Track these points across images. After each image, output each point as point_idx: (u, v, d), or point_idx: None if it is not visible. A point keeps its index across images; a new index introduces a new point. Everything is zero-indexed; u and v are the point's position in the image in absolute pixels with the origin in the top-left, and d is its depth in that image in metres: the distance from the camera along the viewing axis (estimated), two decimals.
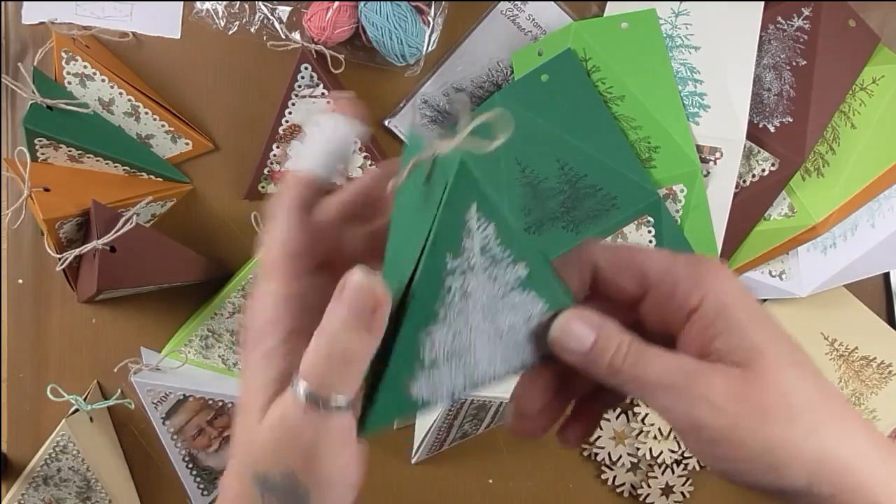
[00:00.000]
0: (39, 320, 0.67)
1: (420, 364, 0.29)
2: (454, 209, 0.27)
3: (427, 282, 0.28)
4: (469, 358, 0.30)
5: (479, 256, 0.28)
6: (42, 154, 0.61)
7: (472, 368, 0.30)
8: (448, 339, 0.29)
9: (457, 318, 0.29)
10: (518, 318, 0.30)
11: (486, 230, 0.28)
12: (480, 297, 0.29)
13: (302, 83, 0.61)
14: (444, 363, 0.29)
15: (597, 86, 0.60)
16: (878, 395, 0.66)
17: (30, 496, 0.66)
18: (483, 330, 0.30)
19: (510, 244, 0.29)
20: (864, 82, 0.62)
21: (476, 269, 0.28)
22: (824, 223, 0.60)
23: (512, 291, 0.29)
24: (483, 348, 0.30)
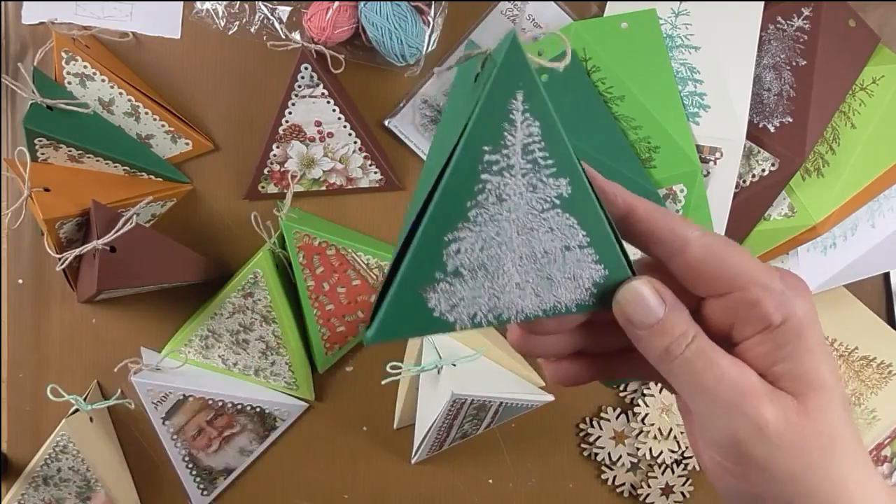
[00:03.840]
0: (39, 320, 0.67)
1: (441, 269, 0.27)
2: (499, 92, 0.25)
3: (460, 170, 0.26)
4: (497, 276, 0.28)
5: (521, 157, 0.26)
6: (42, 154, 0.61)
7: (500, 291, 0.28)
8: (476, 246, 0.27)
9: (488, 224, 0.27)
10: (555, 245, 0.28)
11: (530, 127, 0.26)
12: (517, 207, 0.27)
13: (302, 83, 0.61)
14: (469, 275, 0.27)
15: (597, 86, 0.60)
16: (878, 395, 0.66)
17: (30, 496, 0.66)
18: (515, 247, 0.27)
19: (555, 152, 0.27)
20: (864, 82, 0.62)
21: (515, 171, 0.27)
22: (824, 223, 0.60)
23: (552, 209, 0.27)
24: (513, 269, 0.28)
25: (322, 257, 0.63)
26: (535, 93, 0.26)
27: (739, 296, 0.28)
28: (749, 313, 0.28)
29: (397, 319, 0.27)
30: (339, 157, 0.65)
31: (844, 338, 0.66)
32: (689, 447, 0.32)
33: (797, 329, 0.28)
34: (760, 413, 0.27)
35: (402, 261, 0.26)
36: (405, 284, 0.26)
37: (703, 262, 0.29)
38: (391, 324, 0.27)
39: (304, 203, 0.67)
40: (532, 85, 0.26)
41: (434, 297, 0.27)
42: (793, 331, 0.28)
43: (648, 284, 0.29)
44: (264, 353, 0.66)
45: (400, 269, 0.26)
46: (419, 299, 0.27)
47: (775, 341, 0.28)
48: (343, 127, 0.63)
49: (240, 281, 0.64)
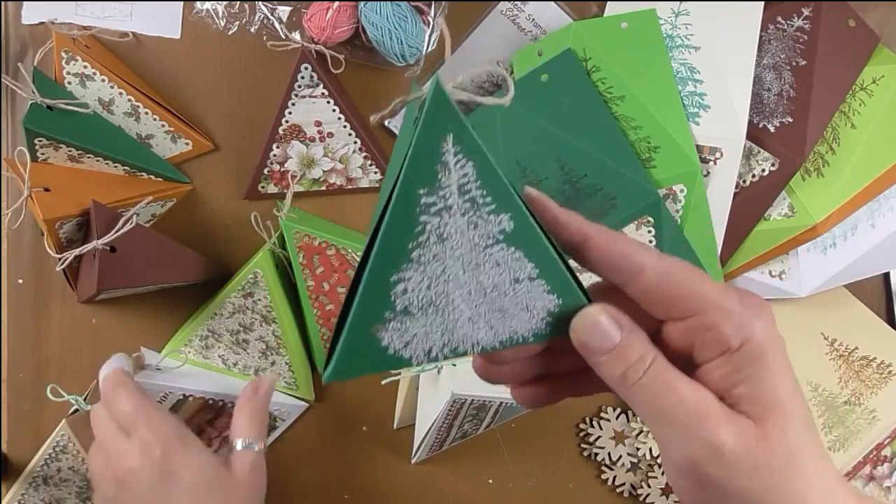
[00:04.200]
0: (39, 320, 0.67)
1: (390, 309, 0.27)
2: (429, 135, 0.26)
3: (398, 213, 0.26)
4: (448, 313, 0.28)
5: (458, 197, 0.27)
6: (42, 154, 0.61)
7: (452, 326, 0.28)
8: (422, 285, 0.27)
9: (431, 263, 0.27)
10: (503, 278, 0.28)
11: (464, 168, 0.27)
12: (459, 245, 0.27)
13: (302, 83, 0.61)
14: (419, 313, 0.28)
15: (597, 86, 0.60)
16: (878, 395, 0.66)
17: (30, 496, 0.66)
18: (462, 283, 0.28)
19: (493, 189, 0.27)
20: (864, 82, 0.62)
21: (454, 211, 0.27)
22: (824, 223, 0.60)
23: (496, 245, 0.28)
24: (463, 304, 0.28)
25: (322, 257, 0.63)
26: (465, 134, 0.26)
27: (697, 320, 0.29)
28: (707, 337, 0.29)
29: (352, 359, 0.27)
30: (339, 157, 0.65)
31: (844, 338, 0.66)
32: None
33: (756, 351, 0.28)
34: (718, 436, 0.27)
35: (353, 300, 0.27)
36: (356, 325, 0.27)
37: (659, 287, 0.29)
38: (346, 363, 0.27)
39: (304, 203, 0.67)
40: (460, 126, 0.26)
41: (386, 335, 0.27)
42: (751, 354, 0.28)
43: (603, 311, 0.29)
44: (264, 353, 0.66)
45: (350, 310, 0.27)
46: (372, 339, 0.27)
47: (734, 364, 0.28)
48: (343, 127, 0.63)
49: (240, 281, 0.64)
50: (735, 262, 0.64)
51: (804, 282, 0.63)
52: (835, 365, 0.66)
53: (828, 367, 0.65)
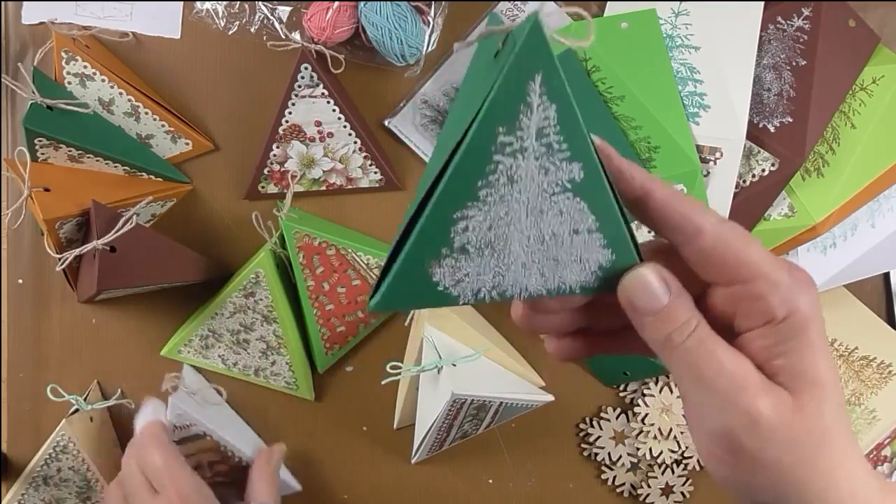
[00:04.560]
0: (39, 320, 0.67)
1: (448, 245, 0.27)
2: (518, 73, 0.25)
3: (472, 151, 0.26)
4: (503, 256, 0.28)
5: (535, 140, 0.26)
6: (42, 154, 0.61)
7: (505, 270, 0.28)
8: (484, 225, 0.27)
9: (497, 204, 0.27)
10: (563, 228, 0.28)
11: (547, 111, 0.26)
12: (527, 189, 0.27)
13: (302, 83, 0.61)
14: (475, 253, 0.28)
15: (597, 86, 0.60)
16: (878, 395, 0.66)
17: (30, 496, 0.66)
18: (523, 228, 0.28)
19: (571, 137, 0.27)
20: (864, 82, 0.62)
21: (528, 154, 0.27)
22: (824, 223, 0.60)
23: (563, 193, 0.27)
24: (520, 249, 0.28)
25: (322, 257, 0.63)
26: (555, 76, 0.26)
27: (745, 288, 0.28)
28: (753, 306, 0.28)
29: (401, 290, 0.27)
30: (339, 157, 0.65)
31: (844, 338, 0.66)
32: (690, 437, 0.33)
33: (800, 325, 0.28)
34: (756, 406, 0.27)
35: (410, 234, 0.27)
36: (411, 257, 0.27)
37: (714, 251, 0.29)
38: (395, 294, 0.27)
39: (304, 203, 0.67)
40: (551, 68, 0.26)
41: (439, 271, 0.27)
42: (795, 327, 0.28)
43: (655, 272, 0.29)
44: (265, 352, 0.66)
45: (407, 242, 0.27)
46: (424, 272, 0.27)
47: (777, 336, 0.28)
48: (343, 127, 0.63)
49: (241, 281, 0.64)
50: None
51: None
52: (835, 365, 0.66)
53: None
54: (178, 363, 0.67)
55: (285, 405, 0.68)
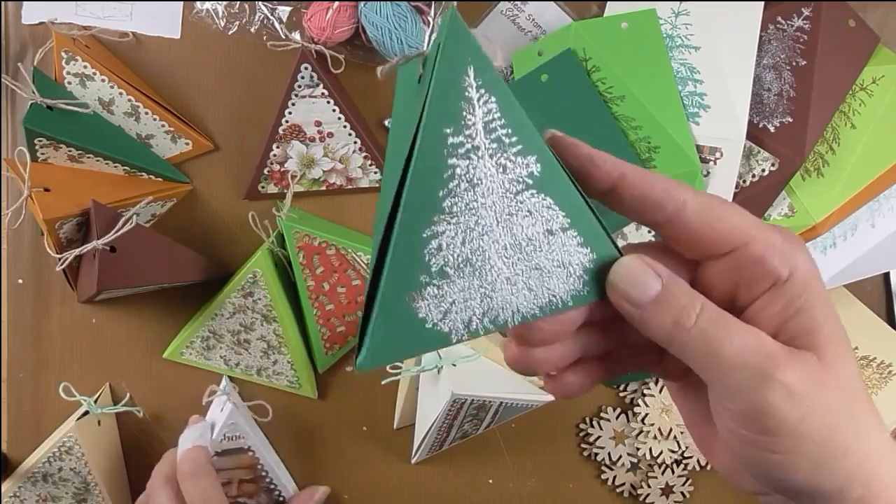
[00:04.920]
0: (39, 320, 0.67)
1: (425, 270, 0.25)
2: (449, 68, 0.24)
3: (425, 156, 0.24)
4: (485, 272, 0.26)
5: (484, 136, 0.25)
6: (42, 154, 0.61)
7: (491, 288, 0.26)
8: (457, 239, 0.25)
9: (465, 213, 0.25)
10: (537, 230, 0.26)
11: (488, 104, 0.25)
12: (491, 191, 0.25)
13: (302, 83, 0.61)
14: (455, 274, 0.25)
15: (597, 86, 0.60)
16: (878, 395, 0.66)
17: (27, 489, 0.66)
18: (498, 236, 0.26)
19: (517, 128, 0.25)
20: (864, 82, 0.62)
21: (482, 152, 0.25)
22: (824, 223, 0.60)
23: (526, 191, 0.26)
24: (500, 261, 0.26)
25: (322, 257, 0.63)
26: (486, 67, 0.25)
27: (742, 253, 0.27)
28: (755, 270, 0.27)
29: (387, 338, 0.25)
30: (339, 157, 0.65)
31: None
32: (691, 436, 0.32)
33: (804, 280, 0.27)
34: (787, 375, 0.25)
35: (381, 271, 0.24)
36: (390, 294, 0.24)
37: (701, 223, 0.27)
38: (381, 344, 0.25)
39: (304, 203, 0.67)
40: (480, 59, 0.25)
41: (423, 304, 0.25)
42: (801, 283, 0.27)
43: (640, 259, 0.27)
44: (266, 352, 0.66)
45: (381, 278, 0.24)
46: (408, 310, 0.25)
47: (786, 296, 0.27)
48: (343, 127, 0.63)
49: (239, 281, 0.64)
50: None
51: None
52: None
53: None
54: (180, 365, 0.67)
55: (285, 405, 0.68)
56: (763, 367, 0.26)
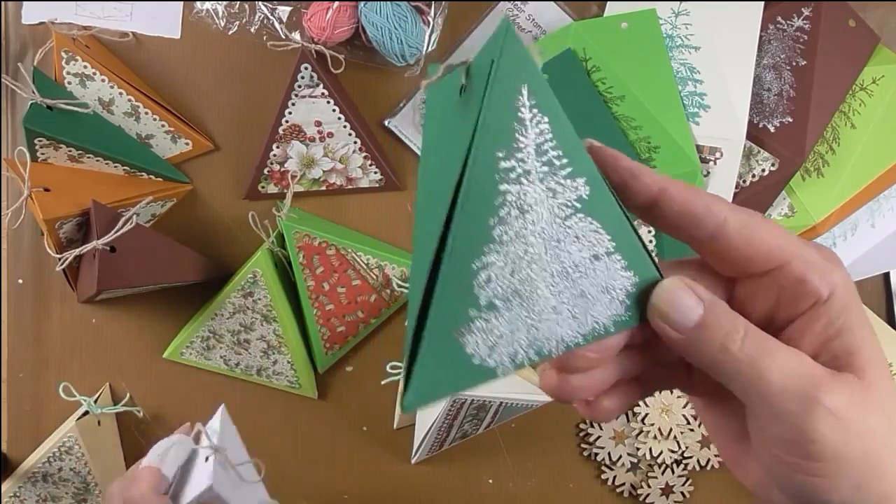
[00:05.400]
0: (39, 320, 0.67)
1: (475, 304, 0.24)
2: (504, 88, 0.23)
3: (477, 183, 0.23)
4: (533, 302, 0.25)
5: (535, 160, 0.24)
6: (42, 154, 0.61)
7: (538, 319, 0.25)
8: (506, 270, 0.24)
9: (514, 242, 0.24)
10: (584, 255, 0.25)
11: (540, 124, 0.24)
12: (540, 218, 0.24)
13: (302, 83, 0.61)
14: (504, 306, 0.24)
15: (597, 86, 0.60)
16: None
17: (27, 489, 0.66)
18: (546, 264, 0.25)
19: (568, 150, 0.24)
20: (864, 82, 0.62)
21: (532, 177, 0.24)
22: (824, 223, 0.60)
23: (575, 215, 0.25)
24: (548, 291, 0.25)
25: (322, 257, 0.63)
26: (541, 86, 0.24)
27: (782, 272, 0.26)
28: (795, 290, 0.26)
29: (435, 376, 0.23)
30: (339, 157, 0.65)
31: None
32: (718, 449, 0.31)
33: (844, 300, 0.26)
34: (832, 399, 0.25)
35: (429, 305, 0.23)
36: (437, 330, 0.23)
37: (741, 240, 0.26)
38: (430, 383, 0.23)
39: (304, 203, 0.67)
40: (536, 77, 0.23)
41: (472, 339, 0.24)
42: (841, 303, 0.26)
43: (680, 282, 0.26)
44: (266, 352, 0.66)
45: (428, 314, 0.23)
46: (455, 346, 0.23)
47: (827, 316, 0.26)
48: (343, 127, 0.63)
49: (239, 281, 0.64)
50: None
51: None
52: None
53: None
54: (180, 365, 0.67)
55: (285, 405, 0.68)
56: (808, 391, 0.25)
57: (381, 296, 0.66)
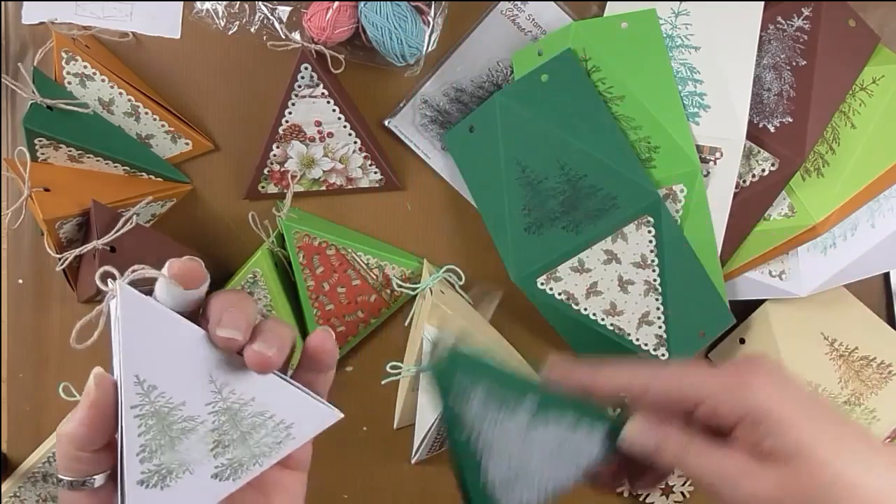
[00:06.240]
0: (39, 320, 0.67)
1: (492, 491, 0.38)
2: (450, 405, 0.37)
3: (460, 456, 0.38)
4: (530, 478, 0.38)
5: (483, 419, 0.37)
6: (42, 154, 0.61)
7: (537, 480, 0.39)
8: (503, 468, 0.38)
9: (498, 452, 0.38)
10: (560, 433, 0.38)
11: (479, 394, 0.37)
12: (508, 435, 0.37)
13: (302, 83, 0.62)
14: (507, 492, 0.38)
15: (597, 86, 0.60)
16: (878, 395, 0.66)
17: (27, 490, 0.66)
18: (529, 457, 0.38)
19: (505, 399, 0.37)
20: (864, 82, 0.62)
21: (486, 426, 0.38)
22: (824, 223, 0.60)
23: (535, 417, 0.37)
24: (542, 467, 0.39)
25: (322, 257, 0.63)
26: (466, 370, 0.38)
27: (704, 407, 0.36)
28: (717, 418, 0.35)
29: None
30: (339, 157, 0.65)
31: (844, 338, 0.66)
32: None
33: (761, 413, 0.34)
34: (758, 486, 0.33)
35: None
36: None
37: (662, 397, 0.38)
38: None
39: (304, 203, 0.67)
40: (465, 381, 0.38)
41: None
42: (757, 416, 0.34)
43: (637, 423, 0.39)
44: None
45: None
46: None
47: (749, 427, 0.34)
48: (343, 127, 0.63)
49: (239, 281, 0.64)
50: (735, 262, 0.63)
51: (804, 282, 0.63)
52: (835, 365, 0.65)
53: (828, 367, 0.65)
54: None
55: None
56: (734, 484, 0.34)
57: (381, 296, 0.66)
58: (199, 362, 0.31)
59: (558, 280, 0.61)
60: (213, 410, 0.32)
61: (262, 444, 0.33)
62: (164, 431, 0.31)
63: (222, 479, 0.33)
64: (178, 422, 0.31)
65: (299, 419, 0.34)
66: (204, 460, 0.32)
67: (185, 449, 0.32)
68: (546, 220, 0.60)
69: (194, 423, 0.31)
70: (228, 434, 0.32)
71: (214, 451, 0.32)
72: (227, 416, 0.32)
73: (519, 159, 0.60)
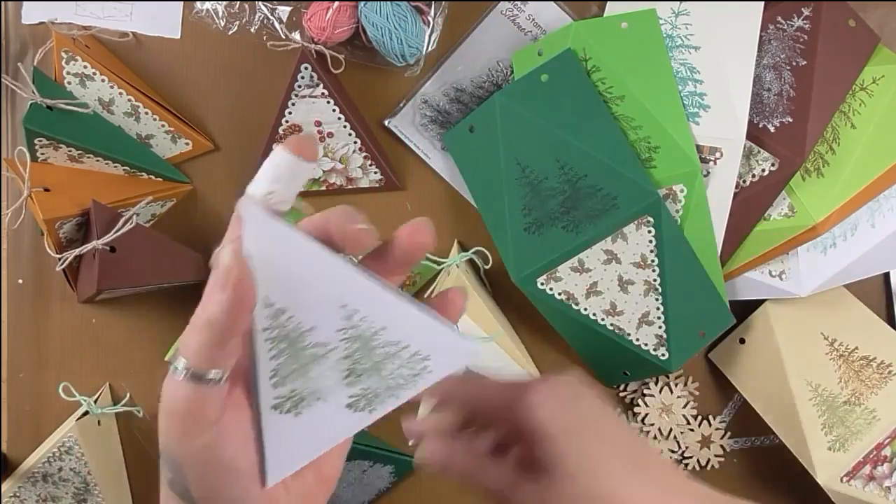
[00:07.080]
0: (39, 320, 0.67)
1: None
2: None
3: None
4: None
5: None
6: (42, 154, 0.61)
7: None
8: None
9: None
10: None
11: None
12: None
13: (302, 83, 0.62)
14: None
15: (597, 86, 0.60)
16: (878, 395, 0.66)
17: (26, 490, 0.66)
18: None
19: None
20: (864, 82, 0.62)
21: None
22: (824, 223, 0.60)
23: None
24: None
25: None
26: None
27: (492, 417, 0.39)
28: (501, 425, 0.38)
29: None
30: (339, 157, 0.65)
31: (844, 338, 0.66)
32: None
33: (532, 423, 0.35)
34: (525, 499, 0.35)
35: None
36: None
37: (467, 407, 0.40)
38: None
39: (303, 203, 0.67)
40: None
41: None
42: (529, 425, 0.35)
43: (428, 444, 0.39)
44: None
45: None
46: None
47: (529, 441, 0.36)
48: (343, 127, 0.63)
49: None
50: (735, 262, 0.63)
51: (804, 282, 0.63)
52: (835, 365, 0.65)
53: (828, 367, 0.65)
54: None
55: None
56: (511, 490, 0.36)
57: None
58: (328, 286, 0.29)
59: (558, 280, 0.61)
60: (345, 337, 0.30)
61: (396, 375, 0.30)
62: (295, 356, 0.29)
63: (357, 409, 0.31)
64: (308, 347, 0.29)
65: (436, 352, 0.31)
66: (336, 389, 0.30)
67: (318, 376, 0.30)
68: (546, 220, 0.60)
69: (325, 349, 0.30)
70: (361, 363, 0.30)
71: (347, 379, 0.30)
72: (359, 344, 0.30)
73: (519, 159, 0.60)
